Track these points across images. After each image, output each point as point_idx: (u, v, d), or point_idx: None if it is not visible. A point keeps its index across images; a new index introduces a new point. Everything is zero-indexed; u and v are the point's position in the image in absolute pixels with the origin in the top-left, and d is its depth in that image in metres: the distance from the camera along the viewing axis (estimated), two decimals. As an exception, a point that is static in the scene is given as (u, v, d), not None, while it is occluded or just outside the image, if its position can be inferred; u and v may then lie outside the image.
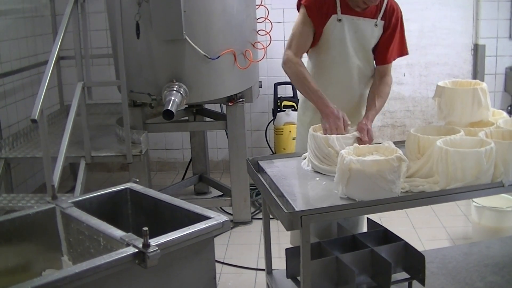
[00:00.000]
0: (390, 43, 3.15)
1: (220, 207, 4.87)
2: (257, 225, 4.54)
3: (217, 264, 3.18)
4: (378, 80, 3.19)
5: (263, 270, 3.38)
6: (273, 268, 3.07)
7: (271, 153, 5.56)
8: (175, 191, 4.87)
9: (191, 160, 5.36)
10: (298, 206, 2.33)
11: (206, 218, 2.19)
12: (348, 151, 2.47)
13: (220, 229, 2.16)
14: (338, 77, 3.13)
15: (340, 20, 3.03)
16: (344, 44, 3.07)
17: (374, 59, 3.22)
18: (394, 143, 2.67)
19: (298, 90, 3.16)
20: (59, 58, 4.96)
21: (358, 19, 3.05)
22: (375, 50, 3.18)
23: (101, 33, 5.57)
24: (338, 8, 3.02)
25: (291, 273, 2.82)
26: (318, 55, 3.15)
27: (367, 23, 3.07)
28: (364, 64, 3.16)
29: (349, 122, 2.90)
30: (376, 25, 3.08)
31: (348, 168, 2.35)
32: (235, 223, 4.58)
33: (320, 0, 3.02)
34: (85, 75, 4.15)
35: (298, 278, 2.68)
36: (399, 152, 2.43)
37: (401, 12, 3.15)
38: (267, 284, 3.06)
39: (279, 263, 3.15)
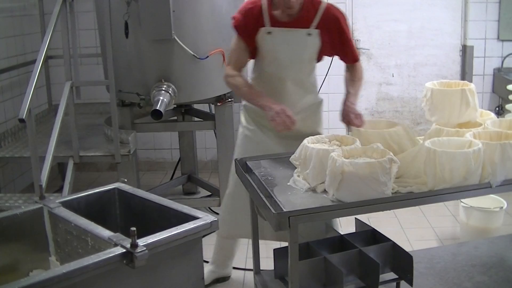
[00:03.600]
0: (347, 45, 3.18)
1: (209, 207, 4.85)
2: (246, 225, 4.53)
3: (205, 264, 3.19)
4: (350, 68, 3.27)
5: (251, 270, 3.37)
6: (261, 268, 3.07)
7: (260, 153, 5.55)
8: (163, 191, 4.86)
9: (179, 160, 5.34)
10: (286, 206, 2.33)
11: (194, 218, 2.18)
12: (338, 153, 2.44)
13: (208, 229, 2.16)
14: (272, 88, 3.18)
15: (270, 32, 3.09)
16: (275, 56, 3.13)
17: (343, 61, 3.28)
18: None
19: (243, 99, 3.30)
20: (48, 57, 4.94)
21: (289, 30, 3.09)
22: (339, 56, 3.24)
23: (90, 32, 5.55)
24: (267, 21, 3.09)
25: (279, 274, 2.81)
26: (256, 67, 3.28)
27: (298, 34, 3.10)
28: (302, 75, 3.20)
29: (294, 118, 2.89)
30: (309, 34, 3.10)
31: (340, 171, 2.31)
32: (224, 223, 4.56)
33: (246, 18, 3.14)
34: (74, 74, 4.13)
35: (286, 278, 2.68)
36: (390, 153, 2.42)
37: (345, 17, 3.17)
38: (255, 285, 3.06)
39: (267, 263, 3.15)
